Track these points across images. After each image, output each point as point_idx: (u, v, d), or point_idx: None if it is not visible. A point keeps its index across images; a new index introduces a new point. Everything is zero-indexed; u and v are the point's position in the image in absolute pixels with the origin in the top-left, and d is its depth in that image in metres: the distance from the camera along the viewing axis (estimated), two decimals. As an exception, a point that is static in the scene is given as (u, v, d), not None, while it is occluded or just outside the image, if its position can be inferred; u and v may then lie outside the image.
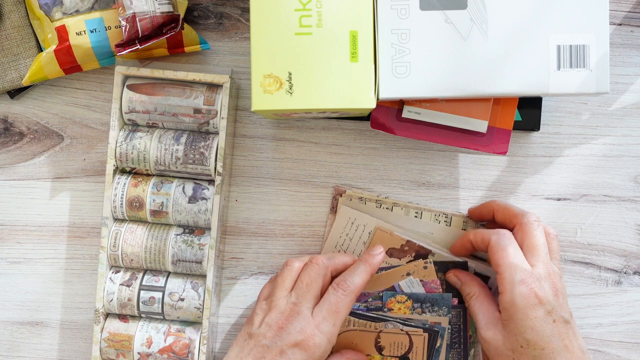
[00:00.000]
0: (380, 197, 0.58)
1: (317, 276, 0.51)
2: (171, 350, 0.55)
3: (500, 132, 0.54)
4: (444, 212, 0.57)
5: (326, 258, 0.52)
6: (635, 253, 0.59)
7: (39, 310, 0.59)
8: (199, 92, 0.56)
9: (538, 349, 0.48)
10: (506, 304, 0.49)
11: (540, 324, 0.49)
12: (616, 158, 0.59)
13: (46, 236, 0.59)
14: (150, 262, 0.56)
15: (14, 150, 0.59)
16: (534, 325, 0.49)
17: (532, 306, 0.49)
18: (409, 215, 0.58)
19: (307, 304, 0.50)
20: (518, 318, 0.49)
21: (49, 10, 0.54)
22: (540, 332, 0.49)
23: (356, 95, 0.47)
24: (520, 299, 0.49)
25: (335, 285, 0.51)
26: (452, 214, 0.57)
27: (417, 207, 0.58)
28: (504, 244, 0.51)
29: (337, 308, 0.50)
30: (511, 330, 0.49)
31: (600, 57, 0.49)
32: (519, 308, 0.49)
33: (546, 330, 0.49)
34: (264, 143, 0.59)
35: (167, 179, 0.56)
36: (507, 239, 0.51)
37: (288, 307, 0.50)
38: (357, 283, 0.51)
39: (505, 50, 0.49)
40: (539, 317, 0.49)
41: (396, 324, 0.56)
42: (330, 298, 0.50)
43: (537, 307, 0.49)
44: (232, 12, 0.59)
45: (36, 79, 0.56)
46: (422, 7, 0.49)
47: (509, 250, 0.51)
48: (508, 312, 0.49)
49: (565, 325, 0.49)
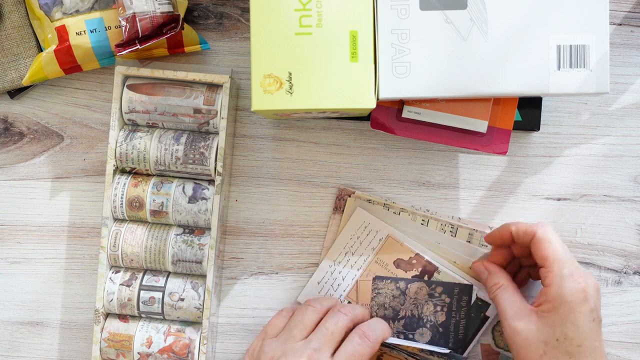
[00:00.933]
0: (388, 201, 0.58)
1: (343, 327, 0.50)
2: (171, 350, 0.55)
3: (500, 132, 0.54)
4: (450, 222, 0.57)
5: (350, 308, 0.51)
6: (635, 253, 0.59)
7: (39, 310, 0.59)
8: (199, 92, 0.56)
9: (574, 345, 0.48)
10: (553, 296, 0.49)
11: (583, 320, 0.48)
12: (616, 158, 0.59)
13: (46, 236, 0.59)
14: (150, 262, 0.56)
15: (14, 150, 0.59)
16: (577, 321, 0.48)
17: (579, 302, 0.48)
18: (416, 221, 0.57)
19: (327, 352, 0.48)
20: (562, 311, 0.48)
21: (49, 10, 0.54)
22: (580, 328, 0.48)
23: (356, 95, 0.47)
24: (569, 292, 0.48)
25: (362, 335, 0.49)
26: (457, 225, 0.57)
27: (424, 215, 0.57)
28: (551, 236, 0.51)
29: (361, 358, 0.49)
30: (550, 322, 0.49)
31: (600, 57, 0.49)
32: (567, 302, 0.48)
33: (586, 327, 0.48)
34: (264, 143, 0.59)
35: (167, 179, 0.56)
36: (553, 232, 0.51)
37: (307, 352, 0.48)
38: (382, 336, 0.50)
39: (505, 50, 0.49)
40: (583, 313, 0.48)
41: (401, 352, 0.56)
42: (355, 347, 0.49)
43: (584, 304, 0.48)
44: (232, 12, 0.59)
45: (36, 79, 0.56)
46: (422, 7, 0.49)
47: (556, 243, 0.50)
48: (552, 304, 0.49)
49: (599, 325, 0.49)
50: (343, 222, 0.58)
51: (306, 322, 0.50)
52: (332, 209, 0.58)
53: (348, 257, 0.57)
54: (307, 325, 0.50)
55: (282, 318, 0.52)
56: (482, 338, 0.58)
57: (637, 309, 0.59)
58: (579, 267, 0.50)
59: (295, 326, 0.50)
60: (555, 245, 0.50)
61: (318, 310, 0.51)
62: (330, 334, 0.49)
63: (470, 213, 0.59)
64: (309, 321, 0.50)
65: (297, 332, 0.50)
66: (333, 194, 0.59)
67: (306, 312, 0.51)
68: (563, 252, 0.50)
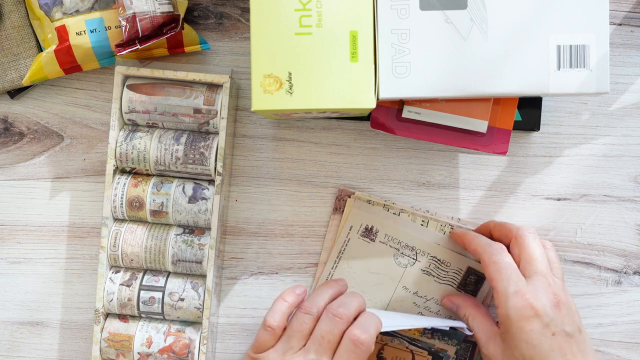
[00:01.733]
0: (388, 202, 0.58)
1: (339, 332, 0.48)
2: (171, 350, 0.55)
3: (500, 132, 0.54)
4: (450, 223, 0.57)
5: (345, 308, 0.49)
6: (635, 253, 0.59)
7: (39, 310, 0.59)
8: (199, 92, 0.56)
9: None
10: (502, 317, 0.48)
11: (537, 337, 0.47)
12: (616, 158, 0.59)
13: (46, 236, 0.59)
14: (150, 262, 0.56)
15: (14, 150, 0.59)
16: (530, 339, 0.47)
17: (527, 318, 0.47)
18: (416, 222, 0.57)
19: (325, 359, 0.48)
20: (513, 332, 0.47)
21: (49, 10, 0.54)
22: (537, 346, 0.47)
23: (356, 95, 0.47)
24: (514, 311, 0.47)
25: (356, 341, 0.48)
26: (457, 226, 0.57)
27: (424, 216, 0.57)
28: (495, 257, 0.50)
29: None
30: (508, 344, 0.48)
31: (600, 57, 0.49)
32: (514, 321, 0.47)
33: (544, 344, 0.47)
34: (264, 143, 0.59)
35: (167, 179, 0.56)
36: (498, 251, 0.50)
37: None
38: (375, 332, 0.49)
39: (505, 50, 0.49)
40: (535, 330, 0.47)
41: (402, 341, 0.56)
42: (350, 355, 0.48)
43: (533, 320, 0.47)
44: (232, 12, 0.59)
45: (36, 79, 0.56)
46: (422, 7, 0.49)
47: (501, 262, 0.50)
48: (504, 325, 0.48)
49: (568, 339, 0.47)
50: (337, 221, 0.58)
51: (304, 331, 0.49)
52: (332, 209, 0.58)
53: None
54: (305, 333, 0.49)
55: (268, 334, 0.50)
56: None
57: (637, 309, 0.59)
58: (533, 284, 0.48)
59: (293, 336, 0.49)
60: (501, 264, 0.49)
61: (315, 317, 0.50)
62: (327, 342, 0.48)
63: (470, 213, 0.59)
64: (307, 329, 0.49)
65: (296, 342, 0.49)
66: (333, 194, 0.59)
67: (304, 321, 0.49)
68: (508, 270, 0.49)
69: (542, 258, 0.50)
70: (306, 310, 0.50)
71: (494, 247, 0.51)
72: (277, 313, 0.50)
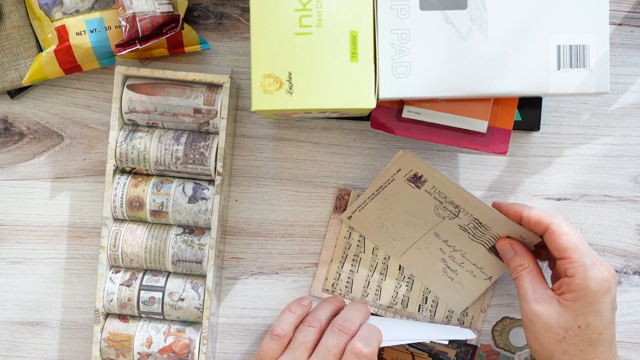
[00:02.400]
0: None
1: (345, 346, 0.49)
2: (171, 350, 0.55)
3: (500, 132, 0.54)
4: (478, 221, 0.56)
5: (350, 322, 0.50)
6: (635, 253, 0.59)
7: (39, 310, 0.59)
8: (199, 92, 0.56)
9: (596, 333, 0.49)
10: (578, 286, 0.49)
11: (605, 309, 0.49)
12: (616, 158, 0.59)
13: (46, 236, 0.59)
14: (150, 262, 0.56)
15: (14, 150, 0.59)
16: (600, 310, 0.49)
17: (604, 292, 0.49)
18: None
19: None
20: (587, 301, 0.49)
21: (49, 10, 0.54)
22: (603, 317, 0.49)
23: (356, 95, 0.47)
24: (594, 282, 0.49)
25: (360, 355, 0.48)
26: None
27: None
28: (566, 228, 0.51)
29: None
30: (573, 310, 0.49)
31: (600, 57, 0.49)
32: (592, 291, 0.49)
33: (608, 316, 0.49)
34: (264, 143, 0.59)
35: (167, 179, 0.56)
36: (566, 222, 0.51)
37: None
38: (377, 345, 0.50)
39: (505, 50, 0.49)
40: (606, 302, 0.49)
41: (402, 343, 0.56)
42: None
43: (608, 293, 0.49)
44: (232, 12, 0.59)
45: (36, 79, 0.56)
46: (422, 7, 0.49)
47: (572, 234, 0.51)
48: (577, 294, 0.49)
49: (615, 314, 0.50)
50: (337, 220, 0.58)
51: (308, 343, 0.50)
52: (332, 209, 0.59)
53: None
54: (310, 345, 0.50)
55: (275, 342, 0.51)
56: (482, 338, 0.58)
57: (637, 309, 0.59)
58: (598, 256, 0.51)
59: (298, 348, 0.50)
60: (572, 235, 0.50)
61: (318, 330, 0.50)
62: (333, 356, 0.49)
63: (470, 213, 0.59)
64: (311, 342, 0.50)
65: (300, 354, 0.49)
66: (333, 194, 0.59)
67: (308, 333, 0.50)
68: (581, 242, 0.50)
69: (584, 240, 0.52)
70: (310, 323, 0.51)
71: (560, 219, 0.51)
72: (284, 323, 0.51)
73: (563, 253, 0.50)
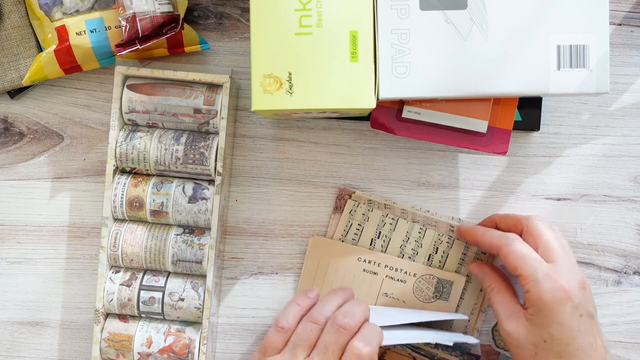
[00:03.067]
0: (389, 201, 0.58)
1: (343, 343, 0.49)
2: (171, 350, 0.55)
3: (500, 132, 0.54)
4: (450, 224, 0.57)
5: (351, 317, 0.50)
6: (635, 253, 0.59)
7: (39, 310, 0.59)
8: (199, 92, 0.56)
9: (562, 345, 0.48)
10: (532, 300, 0.49)
11: (567, 318, 0.48)
12: (616, 158, 0.59)
13: (46, 236, 0.59)
14: (150, 262, 0.56)
15: (14, 150, 0.59)
16: (561, 320, 0.48)
17: (560, 301, 0.48)
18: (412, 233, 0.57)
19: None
20: (545, 313, 0.48)
21: (49, 10, 0.54)
22: (566, 327, 0.48)
23: (356, 95, 0.47)
24: (547, 294, 0.48)
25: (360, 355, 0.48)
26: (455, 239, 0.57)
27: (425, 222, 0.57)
28: (513, 247, 0.51)
29: None
30: (536, 324, 0.49)
31: (600, 57, 0.49)
32: (547, 303, 0.48)
33: (573, 325, 0.48)
34: (264, 143, 0.59)
35: (167, 179, 0.56)
36: (514, 241, 0.51)
37: None
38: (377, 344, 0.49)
39: (505, 50, 0.49)
40: (566, 311, 0.48)
41: (405, 348, 0.56)
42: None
43: (565, 302, 0.48)
44: (232, 12, 0.59)
45: (36, 79, 0.56)
46: (422, 7, 0.49)
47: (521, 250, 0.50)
48: (535, 307, 0.49)
49: (591, 320, 0.49)
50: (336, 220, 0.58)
51: (310, 340, 0.50)
52: (332, 208, 0.58)
53: None
54: (311, 341, 0.50)
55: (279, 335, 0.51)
56: (482, 338, 0.58)
57: (637, 309, 0.59)
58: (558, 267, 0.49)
59: (299, 344, 0.49)
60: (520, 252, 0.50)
61: (322, 326, 0.50)
62: (332, 353, 0.48)
63: (470, 213, 0.59)
64: (313, 338, 0.50)
65: (301, 352, 0.49)
66: (333, 194, 0.59)
67: (311, 329, 0.50)
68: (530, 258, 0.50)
69: (558, 242, 0.51)
70: (314, 319, 0.50)
71: (509, 238, 0.51)
72: (289, 315, 0.51)
73: (515, 272, 0.50)
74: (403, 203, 0.58)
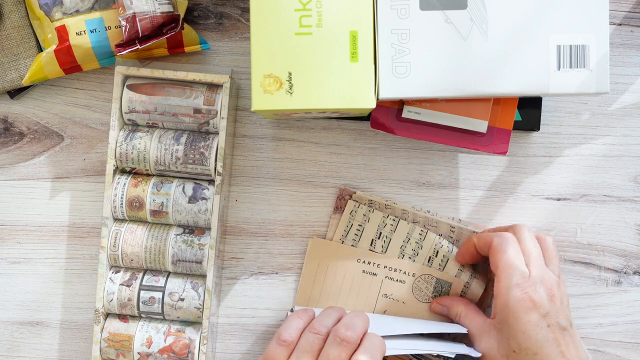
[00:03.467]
0: (389, 201, 0.58)
1: (346, 357, 0.48)
2: (171, 350, 0.55)
3: (500, 132, 0.54)
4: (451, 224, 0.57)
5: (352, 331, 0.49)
6: (635, 253, 0.59)
7: (39, 310, 0.59)
8: (199, 92, 0.56)
9: (530, 354, 0.48)
10: (500, 306, 0.49)
11: (532, 328, 0.48)
12: (616, 158, 0.59)
13: (46, 236, 0.59)
14: (150, 262, 0.56)
15: (14, 150, 0.59)
16: (526, 329, 0.48)
17: (525, 310, 0.48)
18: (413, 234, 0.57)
19: None
20: (510, 322, 0.48)
21: (49, 10, 0.54)
22: (532, 336, 0.48)
23: (356, 95, 0.47)
24: (514, 302, 0.48)
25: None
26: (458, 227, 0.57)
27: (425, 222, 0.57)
28: (504, 246, 0.51)
29: None
30: (504, 334, 0.49)
31: (600, 57, 0.49)
32: (512, 311, 0.48)
33: (539, 334, 0.48)
34: (264, 143, 0.59)
35: (167, 179, 0.56)
36: (508, 241, 0.51)
37: None
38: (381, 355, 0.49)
39: (505, 50, 0.49)
40: (531, 321, 0.48)
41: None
42: None
43: (531, 311, 0.48)
44: (232, 12, 0.59)
45: (36, 79, 0.56)
46: (422, 7, 0.49)
47: (509, 252, 0.50)
48: (501, 315, 0.49)
49: (562, 331, 0.49)
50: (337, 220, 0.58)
51: (313, 352, 0.49)
52: (333, 208, 0.59)
53: None
54: (315, 353, 0.49)
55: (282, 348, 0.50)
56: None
57: (637, 309, 0.59)
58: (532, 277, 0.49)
59: (302, 357, 0.49)
60: (508, 253, 0.50)
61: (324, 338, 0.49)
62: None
63: (470, 213, 0.59)
64: (316, 350, 0.49)
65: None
66: (333, 194, 0.59)
67: (313, 341, 0.49)
68: (515, 261, 0.50)
69: (535, 251, 0.51)
70: (316, 330, 0.49)
71: (504, 237, 0.52)
72: (292, 328, 0.50)
73: (495, 270, 0.50)
74: (403, 203, 0.58)
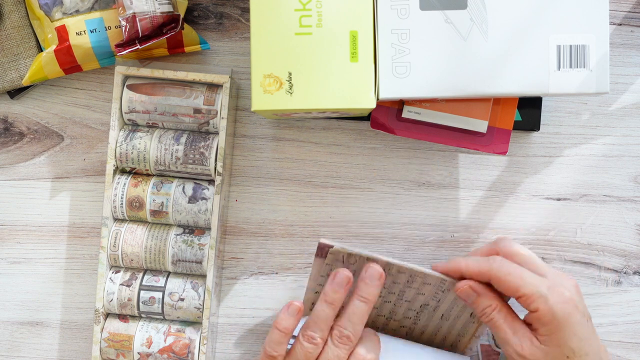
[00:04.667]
0: (371, 256, 0.50)
1: (345, 356, 0.48)
2: (171, 350, 0.55)
3: (500, 132, 0.54)
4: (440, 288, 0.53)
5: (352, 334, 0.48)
6: (635, 253, 0.59)
7: (39, 310, 0.59)
8: (199, 92, 0.56)
9: (583, 355, 0.47)
10: (546, 319, 0.47)
11: (581, 328, 0.47)
12: (616, 158, 0.59)
13: (46, 236, 0.59)
14: (150, 262, 0.56)
15: (14, 150, 0.59)
16: (577, 331, 0.47)
17: (570, 312, 0.47)
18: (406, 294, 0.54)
19: None
20: (562, 329, 0.47)
21: (49, 10, 0.54)
22: (582, 336, 0.47)
23: (356, 95, 0.47)
24: (558, 307, 0.47)
25: None
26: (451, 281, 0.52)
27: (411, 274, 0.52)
28: (506, 269, 0.48)
29: None
30: (554, 343, 0.47)
31: (600, 57, 0.49)
32: (561, 318, 0.46)
33: (585, 332, 0.47)
34: (264, 143, 0.59)
35: (167, 179, 0.56)
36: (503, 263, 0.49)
37: None
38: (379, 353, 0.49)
39: (505, 50, 0.49)
40: (578, 321, 0.47)
41: None
42: None
43: (574, 312, 0.47)
44: (232, 12, 0.59)
45: (36, 79, 0.56)
46: (422, 7, 0.49)
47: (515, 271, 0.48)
48: (549, 326, 0.47)
49: (590, 321, 0.48)
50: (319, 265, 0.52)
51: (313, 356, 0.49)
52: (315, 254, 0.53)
53: None
54: (314, 357, 0.48)
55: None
56: (482, 338, 0.58)
57: (637, 309, 0.59)
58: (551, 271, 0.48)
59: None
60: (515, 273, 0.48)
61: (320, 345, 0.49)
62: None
63: (470, 213, 0.59)
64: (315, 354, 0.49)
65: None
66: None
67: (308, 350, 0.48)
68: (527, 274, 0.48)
69: (534, 255, 0.50)
70: (310, 339, 0.48)
71: (497, 261, 0.49)
72: (274, 343, 0.49)
73: (516, 293, 0.47)
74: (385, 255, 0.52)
